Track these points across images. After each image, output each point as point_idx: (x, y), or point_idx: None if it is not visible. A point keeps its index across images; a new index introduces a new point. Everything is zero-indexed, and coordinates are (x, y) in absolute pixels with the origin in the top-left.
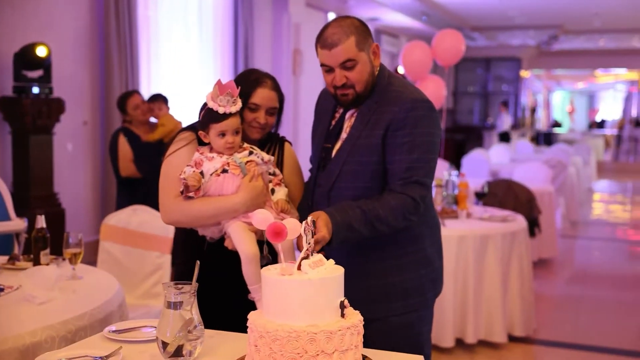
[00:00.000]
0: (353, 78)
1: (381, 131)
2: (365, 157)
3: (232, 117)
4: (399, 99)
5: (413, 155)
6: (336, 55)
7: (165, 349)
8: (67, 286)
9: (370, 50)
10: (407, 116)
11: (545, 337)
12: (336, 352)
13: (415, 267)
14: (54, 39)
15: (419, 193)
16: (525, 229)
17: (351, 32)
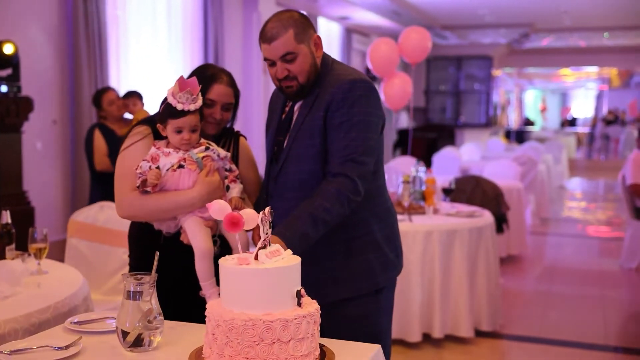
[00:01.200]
0: (294, 70)
1: (321, 113)
2: (307, 139)
3: (190, 114)
4: (338, 80)
5: (350, 134)
6: (276, 48)
7: (125, 339)
8: (32, 280)
9: (311, 41)
10: (345, 96)
11: (513, 332)
12: (292, 340)
13: (363, 250)
14: (22, 37)
15: (356, 172)
16: (492, 225)
17: (290, 25)
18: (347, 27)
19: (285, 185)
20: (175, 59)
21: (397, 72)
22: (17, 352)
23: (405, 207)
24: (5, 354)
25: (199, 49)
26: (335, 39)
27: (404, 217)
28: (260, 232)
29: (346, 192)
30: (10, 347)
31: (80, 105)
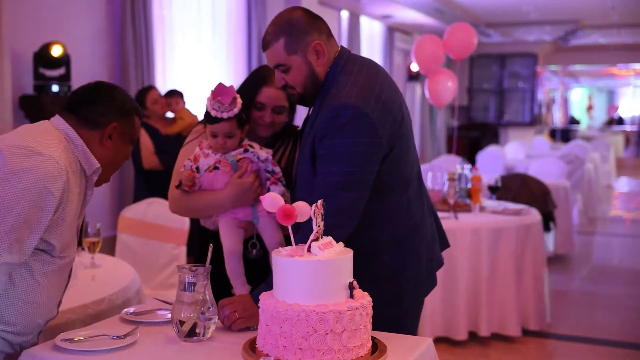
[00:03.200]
0: (289, 80)
1: (310, 142)
2: (302, 166)
3: (223, 122)
4: (328, 104)
5: (330, 167)
6: (269, 57)
7: (180, 329)
8: (86, 273)
9: (308, 50)
10: (328, 125)
11: (560, 332)
12: (345, 331)
13: (372, 283)
14: (73, 39)
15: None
16: (539, 222)
17: (282, 33)
18: (389, 26)
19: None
20: (219, 59)
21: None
22: (77, 340)
23: (450, 205)
24: (66, 341)
25: (243, 49)
26: (377, 38)
27: (449, 214)
28: (313, 225)
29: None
30: (70, 335)
31: None
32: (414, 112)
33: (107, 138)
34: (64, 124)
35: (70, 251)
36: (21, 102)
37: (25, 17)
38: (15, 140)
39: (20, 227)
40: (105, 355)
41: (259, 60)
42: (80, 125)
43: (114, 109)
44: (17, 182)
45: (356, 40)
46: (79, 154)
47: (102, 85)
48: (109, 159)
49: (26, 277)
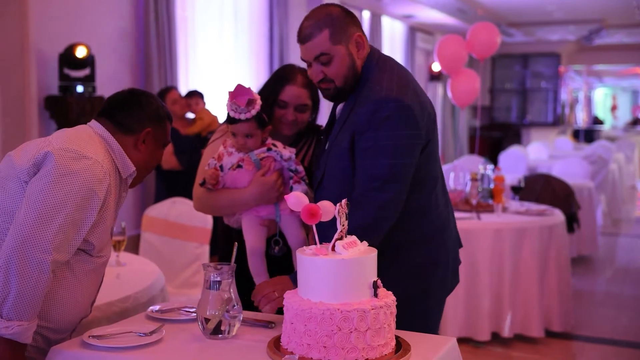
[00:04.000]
0: (330, 73)
1: (349, 135)
2: (335, 161)
3: (241, 122)
4: (368, 98)
5: (375, 160)
6: (310, 49)
7: (206, 326)
8: (111, 272)
9: (350, 41)
10: (371, 119)
11: (584, 333)
12: (369, 330)
13: (401, 279)
14: (97, 40)
15: (376, 202)
16: (562, 223)
17: (325, 25)
18: (411, 26)
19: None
20: (241, 59)
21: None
22: (104, 337)
23: (473, 205)
24: (94, 337)
25: (265, 49)
26: (399, 37)
27: (472, 215)
28: (337, 224)
29: (366, 228)
30: (97, 332)
31: None
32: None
33: (142, 143)
34: (102, 129)
35: (106, 251)
36: (46, 103)
37: (51, 19)
38: (63, 143)
39: (68, 228)
40: (132, 352)
41: (281, 60)
42: (116, 131)
43: (148, 115)
44: (67, 184)
45: (378, 41)
46: (116, 158)
47: (136, 92)
48: (142, 163)
49: (68, 275)
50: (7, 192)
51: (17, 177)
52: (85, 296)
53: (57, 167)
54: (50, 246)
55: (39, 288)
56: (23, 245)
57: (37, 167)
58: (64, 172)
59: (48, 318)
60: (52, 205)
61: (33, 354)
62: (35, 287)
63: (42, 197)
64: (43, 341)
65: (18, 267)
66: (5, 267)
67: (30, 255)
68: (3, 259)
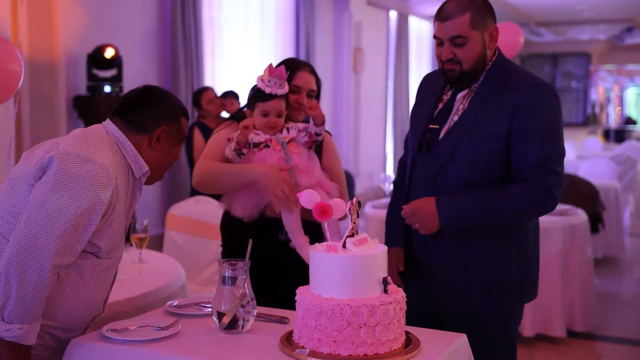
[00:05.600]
0: (460, 55)
1: (506, 117)
2: (484, 142)
3: (277, 98)
4: (523, 83)
5: (546, 143)
6: (447, 28)
7: (220, 321)
8: (133, 268)
9: (486, 31)
10: (536, 103)
11: (608, 334)
12: (379, 325)
13: (515, 264)
14: (124, 40)
15: (555, 184)
16: (585, 223)
17: (468, 9)
18: None
19: (447, 184)
20: (267, 58)
21: None
22: (122, 330)
23: None
24: (112, 331)
25: (291, 49)
26: (426, 37)
27: None
28: (349, 222)
29: (535, 201)
30: (116, 325)
31: None
32: None
33: (156, 141)
34: (114, 129)
35: (117, 252)
36: (75, 103)
37: (79, 20)
38: (70, 146)
39: (70, 233)
40: (148, 345)
41: (307, 59)
42: (130, 130)
43: (161, 113)
44: (69, 189)
45: (405, 41)
46: (129, 158)
47: (149, 90)
48: (158, 161)
49: (74, 276)
50: (17, 194)
51: (26, 180)
52: (95, 295)
53: (59, 171)
54: (51, 251)
55: (40, 292)
56: (24, 250)
57: (42, 171)
58: (67, 177)
59: (55, 317)
60: (53, 211)
61: (43, 352)
62: (36, 291)
63: (43, 202)
64: (53, 340)
65: (18, 271)
66: (6, 271)
67: (31, 260)
68: (4, 263)
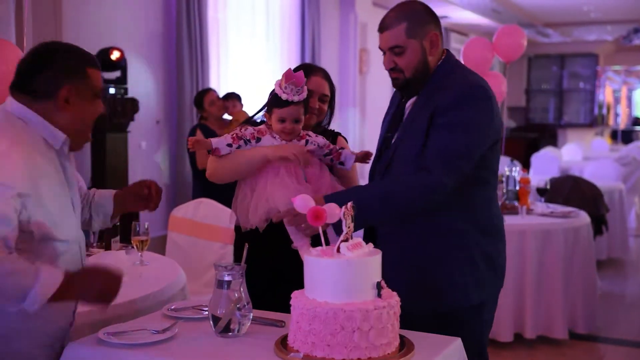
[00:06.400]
0: (400, 63)
1: (429, 113)
2: (412, 140)
3: (293, 105)
4: (453, 84)
5: (452, 135)
6: (385, 39)
7: (216, 325)
8: (134, 271)
9: (425, 38)
10: (455, 99)
11: (610, 335)
12: (372, 329)
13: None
14: (129, 42)
15: (443, 169)
16: (588, 225)
17: (405, 18)
18: (445, 27)
19: None
20: (273, 61)
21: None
22: (118, 333)
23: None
24: (109, 334)
25: (296, 50)
26: None
27: None
28: (343, 226)
29: (425, 188)
30: (112, 329)
31: (183, 106)
32: None
33: (64, 103)
34: (17, 106)
35: (69, 232)
36: None
37: (84, 21)
38: None
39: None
40: (144, 348)
41: (313, 62)
42: (33, 101)
43: (59, 72)
44: None
45: None
46: (41, 132)
47: (39, 51)
48: (75, 124)
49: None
50: None
51: None
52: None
53: None
54: None
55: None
56: None
57: None
58: None
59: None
60: None
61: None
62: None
63: None
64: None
65: None
66: None
67: None
68: None
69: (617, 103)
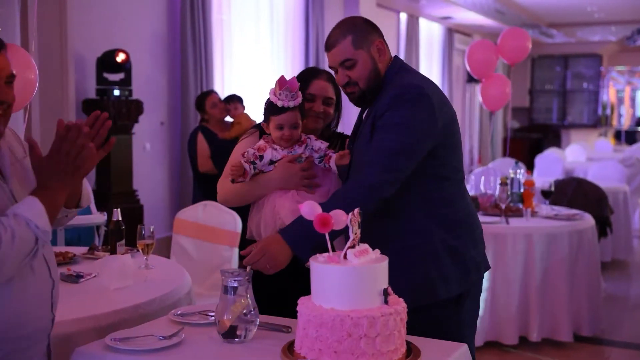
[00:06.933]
0: (354, 76)
1: (371, 119)
2: (362, 147)
3: (289, 111)
4: (393, 86)
5: (387, 135)
6: (335, 55)
7: (222, 331)
8: (139, 275)
9: (372, 47)
10: (390, 101)
11: (615, 338)
12: (379, 336)
13: (419, 261)
14: (133, 44)
15: (372, 176)
16: (592, 228)
17: (348, 32)
18: (448, 27)
19: None
20: (277, 62)
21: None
22: (125, 339)
23: (502, 209)
24: (116, 340)
25: (301, 52)
26: (436, 39)
27: (500, 219)
28: (350, 232)
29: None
30: (118, 335)
31: (187, 108)
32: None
33: None
34: None
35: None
36: (84, 106)
37: (89, 23)
38: None
39: None
40: (151, 354)
41: (317, 63)
42: None
43: None
44: None
45: (415, 42)
46: None
47: None
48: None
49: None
50: None
51: None
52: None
53: None
54: None
55: None
56: None
57: None
58: None
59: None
60: None
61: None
62: None
63: None
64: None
65: None
66: None
67: None
68: None
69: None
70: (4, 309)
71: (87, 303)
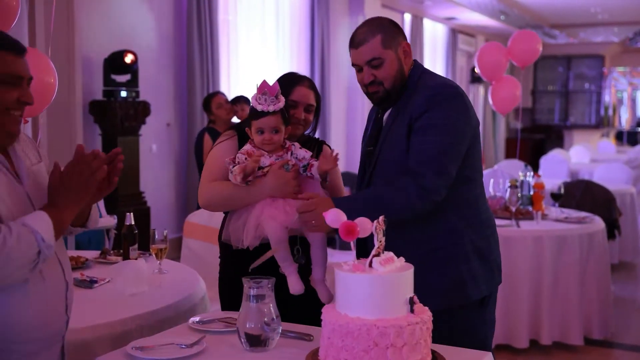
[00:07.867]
0: (380, 75)
1: (406, 120)
2: (392, 149)
3: (269, 115)
4: (424, 88)
5: (427, 137)
6: (363, 53)
7: (245, 339)
8: (153, 280)
9: (399, 48)
10: (427, 102)
11: (625, 341)
12: (406, 346)
13: (451, 262)
14: (140, 45)
15: (428, 170)
16: (602, 231)
17: (378, 31)
18: (452, 28)
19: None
20: (283, 63)
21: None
22: (146, 348)
23: (512, 212)
24: (137, 349)
25: (306, 52)
26: (440, 39)
27: (511, 222)
28: (375, 240)
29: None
30: (139, 343)
31: (193, 109)
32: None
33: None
34: None
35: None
36: (91, 107)
37: (96, 25)
38: None
39: None
40: None
41: (322, 62)
42: None
43: None
44: None
45: (419, 43)
46: None
47: None
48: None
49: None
50: None
51: None
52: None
53: None
54: None
55: None
56: None
57: None
58: None
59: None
60: None
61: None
62: None
63: None
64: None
65: None
66: None
67: None
68: None
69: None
70: (20, 311)
71: (102, 309)
